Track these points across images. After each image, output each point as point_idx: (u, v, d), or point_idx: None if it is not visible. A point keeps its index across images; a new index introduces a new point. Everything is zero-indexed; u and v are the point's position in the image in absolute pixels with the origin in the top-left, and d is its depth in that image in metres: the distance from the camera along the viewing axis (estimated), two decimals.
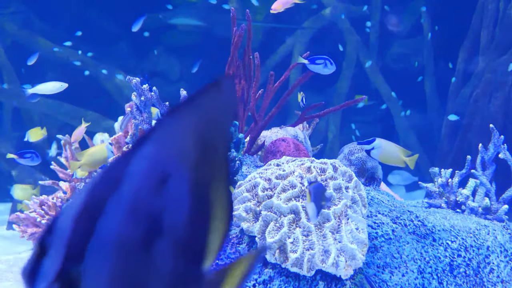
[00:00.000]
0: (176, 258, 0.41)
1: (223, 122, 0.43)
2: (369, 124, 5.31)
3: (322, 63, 2.13)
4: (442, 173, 2.02)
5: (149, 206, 0.41)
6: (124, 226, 0.40)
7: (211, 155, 0.43)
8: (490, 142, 1.97)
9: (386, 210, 1.69)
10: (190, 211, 0.42)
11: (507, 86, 3.92)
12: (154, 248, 0.41)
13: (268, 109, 2.19)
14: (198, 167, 0.43)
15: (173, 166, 0.42)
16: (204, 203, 0.43)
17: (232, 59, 2.08)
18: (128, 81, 1.87)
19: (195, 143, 0.42)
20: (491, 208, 1.92)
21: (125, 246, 0.40)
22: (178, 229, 0.42)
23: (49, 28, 5.12)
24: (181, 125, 0.42)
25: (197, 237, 0.43)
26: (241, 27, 2.05)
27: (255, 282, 1.39)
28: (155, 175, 0.41)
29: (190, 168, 0.42)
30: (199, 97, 0.42)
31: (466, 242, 1.69)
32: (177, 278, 0.42)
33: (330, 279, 1.39)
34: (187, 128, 0.42)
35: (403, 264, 1.55)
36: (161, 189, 0.41)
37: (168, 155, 0.42)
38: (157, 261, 0.41)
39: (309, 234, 1.38)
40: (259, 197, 1.47)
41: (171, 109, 0.42)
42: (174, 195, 0.42)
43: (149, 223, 0.41)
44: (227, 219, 0.44)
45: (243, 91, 2.12)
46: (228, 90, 0.43)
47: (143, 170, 0.41)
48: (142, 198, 0.41)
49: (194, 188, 0.43)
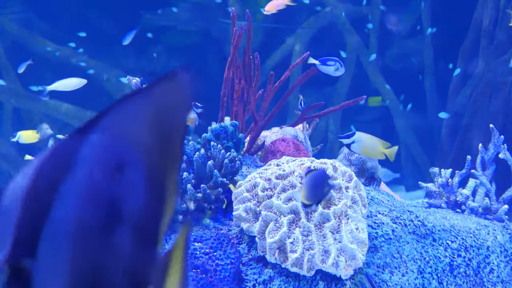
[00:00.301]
0: (135, 244, 0.42)
1: (178, 112, 0.44)
2: (369, 124, 5.31)
3: (333, 64, 2.15)
4: (442, 173, 2.02)
5: (107, 193, 0.40)
6: (83, 211, 0.39)
7: (166, 144, 0.44)
8: (490, 142, 1.97)
9: (386, 210, 1.70)
10: (147, 198, 0.43)
11: (507, 86, 3.92)
12: (114, 234, 0.40)
13: (268, 109, 2.19)
14: (154, 155, 0.43)
15: (129, 154, 0.42)
16: (160, 190, 0.44)
17: (232, 59, 2.08)
18: (128, 81, 1.87)
19: (151, 132, 0.43)
20: (491, 208, 1.92)
21: (84, 232, 0.39)
22: (136, 216, 0.42)
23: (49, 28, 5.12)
24: (135, 113, 0.42)
25: (153, 222, 0.43)
26: (241, 27, 2.05)
27: (255, 282, 1.39)
28: (110, 162, 0.41)
29: (146, 156, 0.43)
30: (153, 86, 0.42)
31: (466, 242, 1.69)
32: (136, 263, 0.42)
33: (330, 279, 1.39)
34: (142, 116, 0.42)
35: (403, 264, 1.55)
36: (118, 176, 0.41)
37: (123, 143, 0.42)
38: (116, 247, 0.40)
39: (309, 234, 1.38)
40: (259, 197, 1.47)
41: (123, 96, 0.41)
42: (131, 182, 0.42)
43: (108, 209, 0.40)
44: (173, 203, 0.45)
45: (243, 91, 2.12)
46: (183, 82, 0.43)
47: (97, 156, 0.40)
48: (99, 184, 0.40)
49: (150, 176, 0.43)
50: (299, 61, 2.13)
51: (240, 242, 1.49)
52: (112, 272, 0.41)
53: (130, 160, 0.42)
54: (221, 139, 1.77)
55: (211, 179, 1.60)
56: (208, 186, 1.59)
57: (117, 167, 0.41)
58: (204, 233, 1.45)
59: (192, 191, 1.54)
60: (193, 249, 1.38)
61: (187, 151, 1.64)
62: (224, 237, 1.45)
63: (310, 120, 2.40)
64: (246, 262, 1.43)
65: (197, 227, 1.58)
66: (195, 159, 1.59)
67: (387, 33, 5.37)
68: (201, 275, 1.33)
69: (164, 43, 5.37)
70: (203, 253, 1.38)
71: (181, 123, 0.45)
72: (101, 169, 0.40)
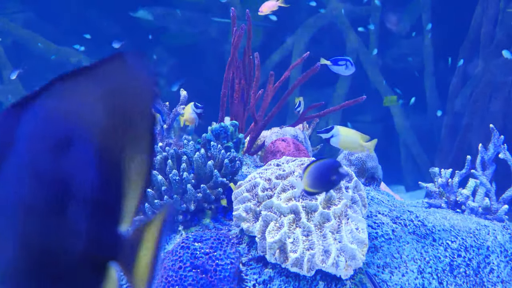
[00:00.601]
0: (89, 220, 0.42)
1: (137, 96, 0.43)
2: (369, 124, 5.31)
3: (343, 64, 2.23)
4: (442, 173, 2.02)
5: (53, 170, 0.40)
6: (29, 190, 0.39)
7: (124, 126, 0.43)
8: (490, 142, 1.97)
9: (386, 210, 1.70)
10: (100, 176, 0.42)
11: (507, 86, 3.92)
12: (65, 211, 0.40)
13: (268, 109, 2.19)
14: (107, 134, 0.43)
15: (75, 129, 0.41)
16: (115, 170, 0.44)
17: (232, 59, 2.08)
18: None
19: (102, 111, 0.42)
20: (491, 208, 1.92)
21: (30, 211, 0.39)
22: (88, 193, 0.42)
23: (50, 28, 5.12)
24: (78, 88, 0.41)
25: (109, 200, 0.43)
26: (241, 27, 2.05)
27: (255, 282, 1.39)
28: (56, 138, 0.40)
29: (96, 134, 0.42)
30: (97, 66, 0.42)
31: (466, 242, 1.69)
32: (93, 239, 0.42)
33: (330, 279, 1.39)
34: (87, 93, 0.42)
35: (403, 264, 1.55)
36: (65, 153, 0.41)
37: (66, 118, 0.41)
38: (70, 224, 0.40)
39: (309, 234, 1.39)
40: (259, 197, 1.47)
41: (66, 74, 0.41)
42: (80, 159, 0.41)
43: (57, 186, 0.40)
44: (144, 187, 0.45)
45: (243, 91, 2.12)
46: (137, 64, 0.43)
47: (41, 132, 0.40)
48: (44, 162, 0.40)
49: (103, 154, 0.43)
50: (299, 61, 2.13)
51: (240, 242, 1.49)
52: (67, 249, 0.40)
53: (77, 135, 0.41)
54: (221, 139, 1.77)
55: (211, 179, 1.60)
56: (208, 186, 1.59)
57: (61, 142, 0.40)
58: (204, 233, 1.45)
59: (192, 191, 1.54)
60: (193, 249, 1.38)
61: (187, 151, 1.64)
62: (224, 237, 1.45)
63: (310, 120, 2.40)
64: (246, 262, 1.43)
65: (197, 227, 1.58)
66: (195, 159, 1.59)
67: (387, 33, 5.37)
68: (201, 275, 1.33)
69: (164, 43, 5.37)
70: (203, 253, 1.38)
71: (145, 107, 0.44)
72: (46, 146, 0.40)
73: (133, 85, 0.43)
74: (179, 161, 1.62)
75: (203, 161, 1.60)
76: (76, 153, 0.41)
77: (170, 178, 1.54)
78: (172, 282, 1.33)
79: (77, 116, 0.41)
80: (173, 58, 5.38)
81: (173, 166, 1.59)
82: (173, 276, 1.34)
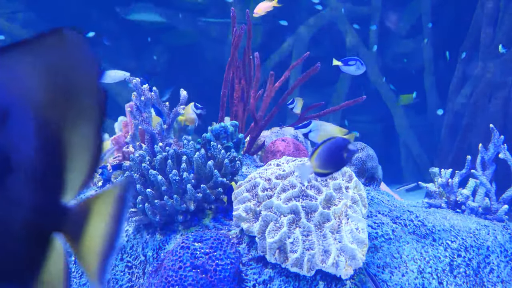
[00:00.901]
0: (30, 191, 0.42)
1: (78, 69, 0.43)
2: (369, 124, 5.31)
3: (354, 64, 2.28)
4: (442, 173, 2.02)
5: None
6: None
7: (66, 99, 0.43)
8: (490, 142, 1.97)
9: (386, 210, 1.70)
10: (39, 148, 0.42)
11: (507, 86, 3.92)
12: (3, 180, 0.40)
13: (268, 109, 2.19)
14: (47, 108, 0.43)
15: (12, 103, 0.41)
16: (55, 143, 0.44)
17: (232, 59, 2.08)
18: (128, 81, 1.87)
19: (41, 83, 0.42)
20: (491, 208, 1.92)
21: None
22: (27, 164, 0.41)
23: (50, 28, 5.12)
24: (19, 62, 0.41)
25: (50, 172, 0.43)
26: (241, 27, 2.05)
27: (255, 282, 1.39)
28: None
29: (35, 108, 0.42)
30: (37, 39, 0.41)
31: (466, 242, 1.69)
32: (33, 209, 0.42)
33: (330, 279, 1.39)
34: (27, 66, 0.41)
35: (403, 264, 1.55)
36: (2, 124, 0.41)
37: (6, 90, 0.41)
38: (8, 193, 0.40)
39: (309, 234, 1.39)
40: (259, 197, 1.47)
41: (4, 46, 0.41)
42: (19, 130, 0.41)
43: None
44: (92, 162, 0.45)
45: (243, 91, 2.12)
46: (76, 40, 0.42)
47: None
48: None
49: (42, 126, 0.43)
50: (299, 61, 2.13)
51: (240, 242, 1.49)
52: (6, 219, 0.40)
53: (15, 106, 0.41)
54: (221, 139, 1.77)
55: (211, 179, 1.60)
56: (208, 186, 1.59)
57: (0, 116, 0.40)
58: (204, 233, 1.45)
59: (192, 191, 1.54)
60: (193, 249, 1.38)
61: (187, 151, 1.64)
62: (224, 237, 1.45)
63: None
64: (246, 262, 1.43)
65: (197, 227, 1.58)
66: (195, 159, 1.59)
67: (387, 32, 5.37)
68: (201, 275, 1.34)
69: (164, 43, 5.37)
70: (203, 253, 1.38)
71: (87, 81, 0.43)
72: None
73: (74, 58, 0.43)
74: (179, 161, 1.62)
75: (203, 161, 1.60)
76: (14, 124, 0.41)
77: (170, 178, 1.54)
78: (172, 282, 1.33)
79: (15, 87, 0.41)
80: (173, 58, 5.38)
81: (173, 166, 1.59)
82: (173, 276, 1.34)
